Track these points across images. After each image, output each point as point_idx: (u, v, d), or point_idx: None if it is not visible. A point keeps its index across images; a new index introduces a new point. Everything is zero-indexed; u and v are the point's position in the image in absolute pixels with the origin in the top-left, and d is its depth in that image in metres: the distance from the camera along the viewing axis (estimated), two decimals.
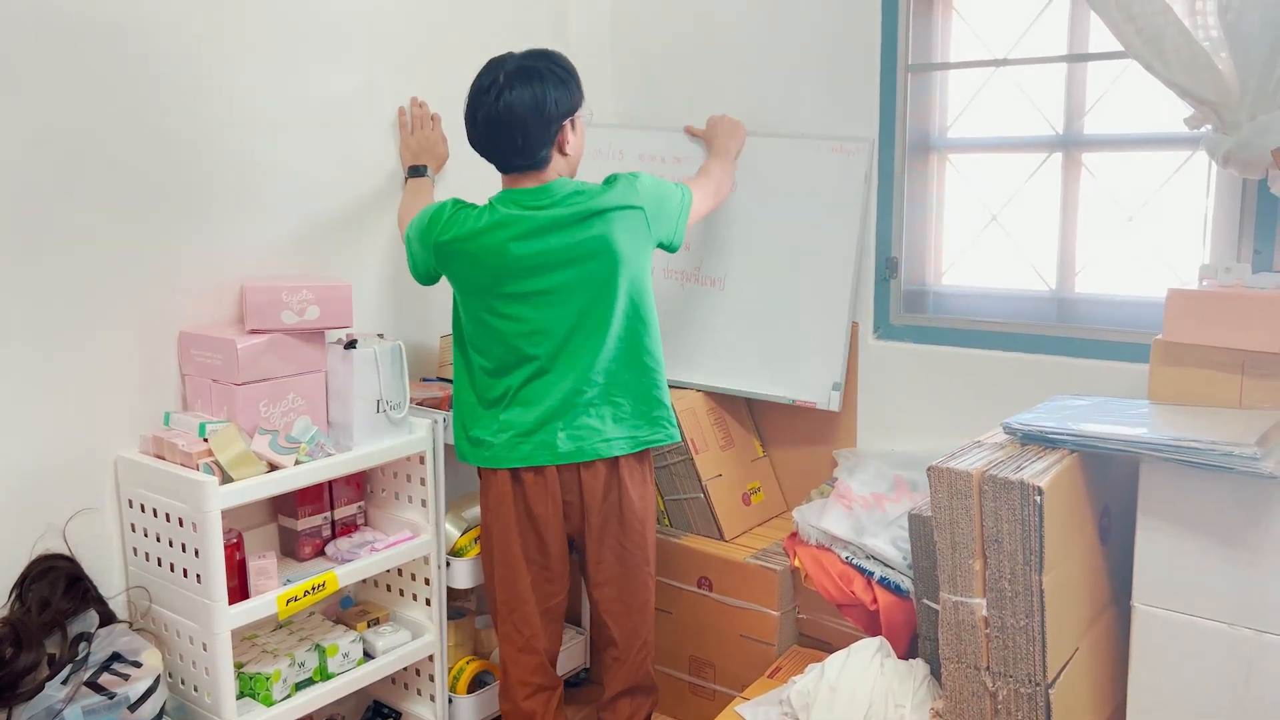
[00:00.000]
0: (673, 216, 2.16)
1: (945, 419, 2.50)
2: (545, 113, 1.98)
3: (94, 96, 1.98)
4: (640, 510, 2.16)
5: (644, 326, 2.11)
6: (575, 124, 2.07)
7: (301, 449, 2.07)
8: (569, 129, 2.05)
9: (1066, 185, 2.42)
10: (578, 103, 2.06)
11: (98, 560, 2.06)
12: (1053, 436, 1.86)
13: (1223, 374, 1.89)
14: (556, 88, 2.00)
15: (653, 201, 2.09)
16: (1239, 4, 1.87)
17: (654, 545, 2.23)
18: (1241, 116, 1.91)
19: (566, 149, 2.07)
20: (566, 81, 2.03)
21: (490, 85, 1.99)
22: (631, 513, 2.14)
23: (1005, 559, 1.77)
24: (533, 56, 2.04)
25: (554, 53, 2.08)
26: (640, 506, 2.16)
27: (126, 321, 2.07)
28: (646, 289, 2.12)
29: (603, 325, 2.06)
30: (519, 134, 1.98)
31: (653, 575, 2.23)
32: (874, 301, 2.60)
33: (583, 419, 2.08)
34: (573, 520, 2.16)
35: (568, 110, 2.03)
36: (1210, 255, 2.20)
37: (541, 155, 2.03)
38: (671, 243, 2.19)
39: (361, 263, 2.47)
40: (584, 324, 2.06)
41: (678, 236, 2.20)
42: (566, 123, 2.04)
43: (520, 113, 1.97)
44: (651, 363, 2.13)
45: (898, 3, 2.48)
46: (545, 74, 2.00)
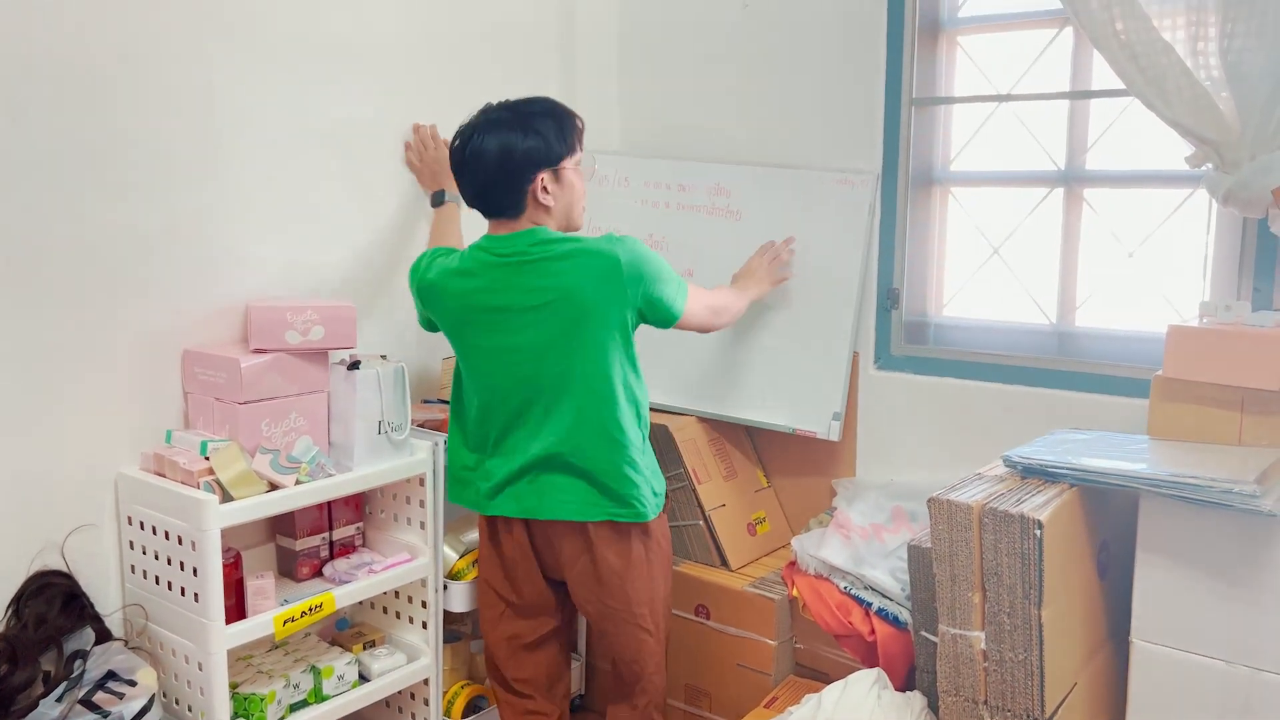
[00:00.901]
0: (657, 280, 2.01)
1: (944, 450, 2.51)
2: (513, 161, 1.97)
3: (102, 118, 2.00)
4: (620, 571, 2.08)
5: (612, 398, 2.01)
6: (561, 175, 2.02)
7: (302, 469, 2.07)
8: (546, 180, 2.00)
9: (1068, 220, 2.43)
10: (559, 155, 2.00)
11: (95, 577, 2.06)
12: (1053, 470, 1.87)
13: (1222, 411, 1.90)
14: (531, 138, 1.97)
15: (633, 259, 1.97)
16: (1240, 45, 1.90)
17: (654, 603, 2.13)
18: (1242, 156, 1.93)
19: (543, 199, 2.00)
20: (545, 133, 1.99)
21: (467, 130, 2.03)
22: (610, 574, 2.08)
23: (1004, 592, 1.77)
24: (519, 104, 2.03)
25: (547, 102, 2.05)
26: (620, 567, 2.08)
27: (130, 339, 2.08)
28: (619, 359, 2.02)
29: (567, 388, 2.01)
30: (486, 180, 2.00)
31: (653, 632, 2.14)
32: (875, 332, 2.61)
33: (552, 478, 2.06)
34: (550, 567, 2.16)
35: (542, 161, 1.98)
36: (1210, 292, 2.21)
37: (510, 203, 2.01)
38: (658, 310, 2.04)
39: (366, 284, 2.49)
40: (551, 383, 2.02)
41: (665, 307, 2.04)
42: (543, 174, 1.99)
43: (487, 160, 1.98)
44: (623, 437, 2.02)
45: (902, 37, 2.50)
46: (522, 123, 1.98)
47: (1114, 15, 1.98)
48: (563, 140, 2.02)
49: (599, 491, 2.04)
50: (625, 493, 2.04)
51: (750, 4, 2.75)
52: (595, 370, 2.00)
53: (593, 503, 2.05)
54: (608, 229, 2.83)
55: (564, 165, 2.03)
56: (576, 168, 2.06)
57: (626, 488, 2.04)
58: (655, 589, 2.13)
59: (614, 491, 2.04)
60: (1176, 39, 1.96)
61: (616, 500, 2.05)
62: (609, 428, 2.03)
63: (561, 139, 2.02)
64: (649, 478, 2.08)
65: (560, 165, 2.02)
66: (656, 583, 2.14)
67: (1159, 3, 1.97)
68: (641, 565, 2.10)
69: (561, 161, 2.02)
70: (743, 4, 2.76)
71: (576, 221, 2.11)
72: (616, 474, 2.04)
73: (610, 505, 2.05)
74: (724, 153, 2.82)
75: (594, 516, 2.06)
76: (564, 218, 2.07)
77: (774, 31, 2.71)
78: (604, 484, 2.04)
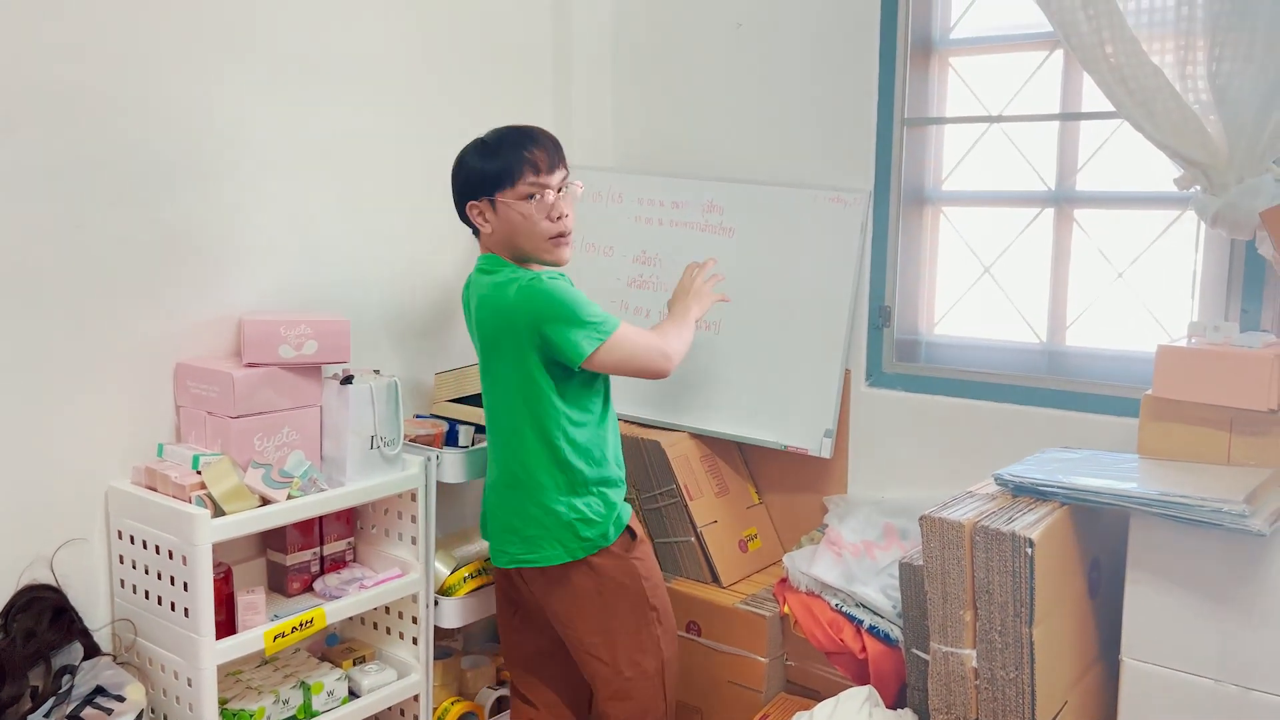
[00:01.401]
0: (556, 320, 1.96)
1: (935, 468, 2.52)
2: (454, 186, 2.11)
3: (98, 132, 2.00)
4: (568, 604, 2.08)
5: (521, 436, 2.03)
6: (497, 205, 2.03)
7: (294, 484, 2.07)
8: (481, 208, 2.06)
9: (1058, 240, 2.46)
10: (490, 185, 2.02)
11: (84, 592, 2.05)
12: (1043, 489, 1.88)
13: (1211, 430, 1.91)
14: (463, 167, 2.07)
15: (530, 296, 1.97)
16: (1228, 69, 1.92)
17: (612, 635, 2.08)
18: (1230, 178, 1.95)
19: (481, 226, 2.08)
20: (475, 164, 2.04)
21: None
22: (560, 606, 2.09)
23: (996, 610, 1.77)
24: (487, 134, 2.11)
25: (506, 132, 2.08)
26: (567, 599, 2.07)
27: (124, 352, 2.07)
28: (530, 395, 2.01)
29: (500, 425, 2.10)
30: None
31: (608, 662, 2.09)
32: (867, 349, 2.63)
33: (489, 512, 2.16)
34: None
35: (473, 188, 2.05)
36: (1199, 313, 2.23)
37: (467, 224, 2.13)
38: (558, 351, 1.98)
39: (360, 298, 2.49)
40: (492, 418, 2.12)
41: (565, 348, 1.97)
42: (475, 202, 2.06)
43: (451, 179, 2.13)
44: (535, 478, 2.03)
45: (895, 58, 2.53)
46: (468, 151, 2.09)
47: (1104, 38, 2.00)
48: (494, 174, 2.02)
49: (508, 537, 2.09)
50: (530, 536, 2.06)
51: (743, 24, 2.77)
52: (505, 405, 2.07)
53: (499, 549, 2.12)
54: (602, 246, 2.86)
55: (501, 198, 2.04)
56: (522, 200, 2.03)
57: (532, 531, 2.05)
58: (614, 621, 2.08)
59: (521, 535, 2.07)
60: (1165, 62, 1.98)
61: (521, 546, 2.07)
62: (518, 467, 2.06)
63: (492, 172, 2.03)
64: (569, 521, 2.04)
65: (497, 196, 2.04)
66: (614, 616, 2.08)
67: (1148, 26, 2.00)
68: (590, 599, 2.07)
69: (498, 193, 2.04)
70: (736, 24, 2.78)
71: (533, 254, 2.08)
72: (523, 517, 2.06)
73: (516, 551, 2.08)
74: (717, 170, 2.83)
75: (501, 563, 2.12)
76: (508, 248, 2.08)
77: (767, 51, 2.73)
78: (512, 526, 2.08)
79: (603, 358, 2.00)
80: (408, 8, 2.53)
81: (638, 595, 2.11)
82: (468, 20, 2.67)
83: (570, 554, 2.04)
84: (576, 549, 2.05)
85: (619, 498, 2.11)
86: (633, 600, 2.10)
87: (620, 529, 2.09)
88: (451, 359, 2.67)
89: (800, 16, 2.67)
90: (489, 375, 2.11)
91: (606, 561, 2.07)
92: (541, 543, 2.04)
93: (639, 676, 2.12)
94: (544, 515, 2.03)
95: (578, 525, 2.05)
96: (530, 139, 2.05)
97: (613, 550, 2.08)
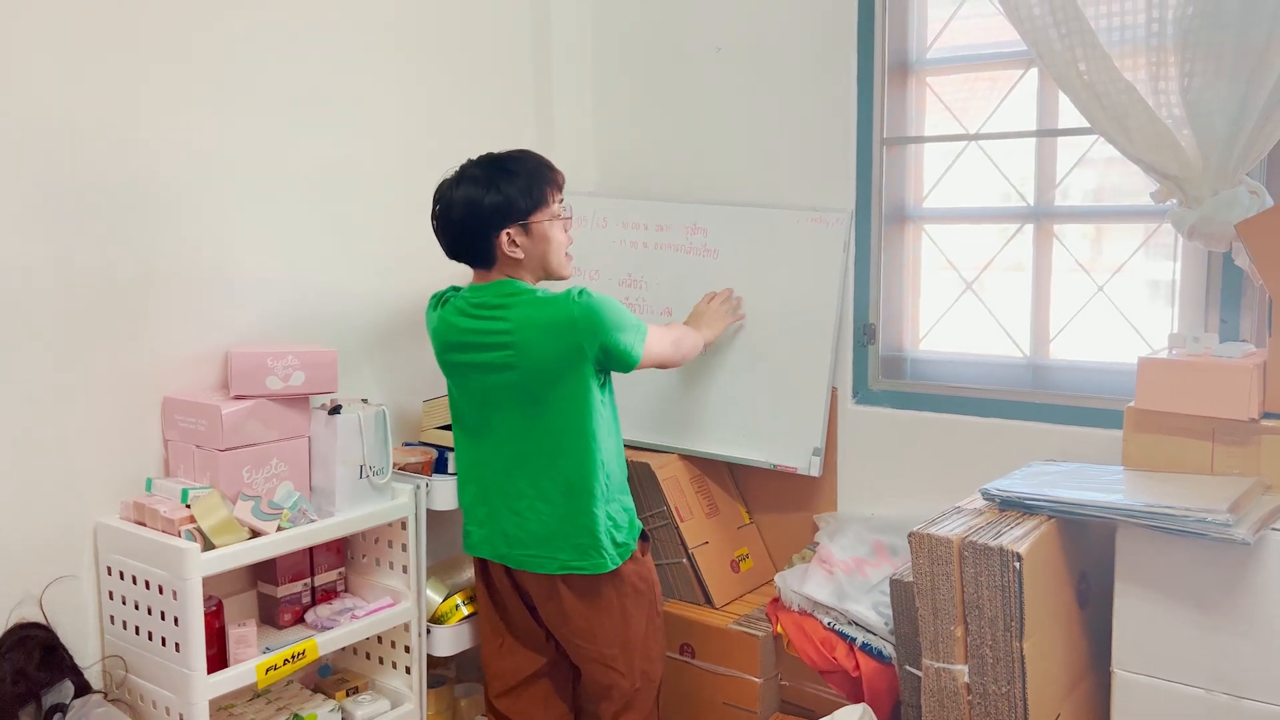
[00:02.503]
0: (613, 329, 2.02)
1: (923, 483, 2.53)
2: (478, 217, 2.04)
3: (85, 166, 2.01)
4: (587, 613, 2.10)
5: (566, 450, 2.05)
6: (530, 229, 2.06)
7: (284, 515, 2.06)
8: (514, 234, 2.05)
9: (1038, 254, 2.48)
10: (525, 209, 2.04)
11: (74, 629, 2.04)
12: (1030, 502, 1.89)
13: (1194, 441, 1.93)
14: (494, 194, 2.03)
15: (588, 310, 2.00)
16: (1199, 84, 1.95)
17: (628, 645, 2.12)
18: (1204, 191, 1.98)
19: (511, 252, 2.06)
20: (510, 188, 2.03)
21: (443, 186, 2.10)
22: (578, 615, 2.10)
23: (986, 625, 1.78)
24: (493, 159, 2.09)
25: (520, 157, 2.10)
26: (586, 609, 2.10)
27: (110, 387, 2.07)
28: (577, 409, 2.04)
29: (525, 439, 2.07)
30: (456, 235, 2.09)
31: (624, 674, 2.13)
32: (853, 367, 2.64)
33: (513, 525, 2.12)
34: (529, 602, 2.19)
35: (506, 217, 2.03)
36: (1179, 324, 2.25)
37: (481, 257, 2.09)
38: (616, 358, 2.05)
39: (347, 328, 2.49)
40: (511, 433, 2.09)
41: (623, 354, 2.05)
42: (510, 229, 2.04)
43: (457, 213, 2.06)
44: (579, 488, 2.05)
45: (872, 78, 2.56)
46: (490, 179, 2.04)
47: (1076, 56, 2.03)
48: (529, 194, 2.05)
49: (556, 544, 2.07)
50: (581, 542, 2.06)
51: (723, 48, 2.80)
52: (549, 421, 2.05)
53: (548, 556, 2.08)
54: (588, 269, 2.87)
55: (535, 220, 2.06)
56: (553, 220, 2.09)
57: (583, 537, 2.06)
58: (630, 631, 2.12)
59: (572, 542, 2.06)
60: (1138, 78, 2.01)
61: (575, 551, 2.06)
62: (564, 479, 2.06)
63: (528, 193, 2.05)
64: (607, 528, 2.07)
65: (529, 219, 2.05)
66: (631, 624, 2.13)
67: (1120, 43, 2.03)
68: (612, 608, 2.11)
69: (530, 215, 2.05)
70: (715, 48, 2.81)
71: (557, 271, 2.14)
72: (572, 526, 2.06)
73: (569, 557, 2.07)
74: (700, 193, 2.85)
75: (550, 569, 2.09)
76: (539, 269, 2.12)
77: (747, 74, 2.76)
78: (564, 532, 2.06)
79: (644, 358, 2.11)
80: (389, 37, 2.55)
81: (650, 601, 2.17)
82: (449, 48, 2.69)
83: (612, 561, 2.08)
84: (615, 555, 2.09)
85: (631, 503, 2.18)
86: (645, 607, 2.16)
87: (638, 533, 2.16)
88: (439, 386, 2.66)
89: (778, 39, 2.69)
90: (522, 392, 2.05)
91: (629, 568, 2.13)
92: (589, 551, 2.06)
93: (646, 686, 2.18)
94: (591, 522, 2.06)
95: (614, 532, 2.10)
96: (546, 163, 2.12)
97: (634, 554, 2.14)
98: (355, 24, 2.46)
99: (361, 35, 2.48)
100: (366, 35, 2.49)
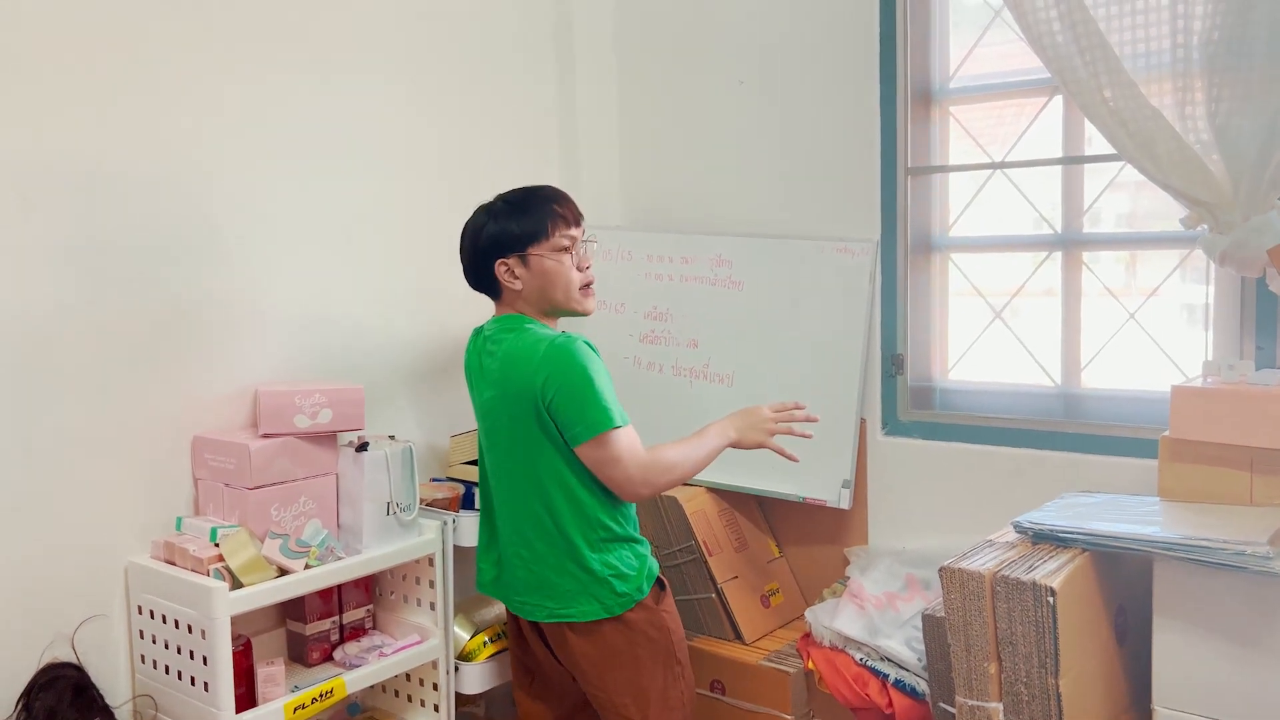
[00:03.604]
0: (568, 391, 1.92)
1: (955, 516, 2.49)
2: (477, 248, 2.06)
3: (113, 208, 2.04)
4: (597, 662, 2.03)
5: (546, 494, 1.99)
6: (529, 260, 2.03)
7: (312, 553, 2.07)
8: (512, 265, 2.03)
9: (1068, 282, 2.45)
10: (523, 240, 2.02)
11: (105, 668, 2.05)
12: (1064, 535, 1.86)
13: (1232, 471, 1.89)
14: (494, 223, 2.04)
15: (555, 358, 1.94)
16: (1227, 109, 1.93)
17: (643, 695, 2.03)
18: (1236, 217, 1.95)
19: (509, 283, 2.04)
20: (509, 219, 2.03)
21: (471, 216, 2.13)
22: (588, 664, 2.04)
23: (1020, 661, 1.75)
24: (509, 193, 2.11)
25: (532, 190, 2.09)
26: (596, 658, 2.03)
27: (142, 426, 2.10)
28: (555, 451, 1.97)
29: (513, 480, 2.04)
30: (466, 265, 2.11)
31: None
32: (881, 398, 2.62)
33: (507, 570, 2.09)
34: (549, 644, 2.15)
35: (503, 247, 2.02)
36: (1213, 351, 2.22)
37: (487, 287, 2.10)
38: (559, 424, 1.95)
39: (374, 365, 2.51)
40: (504, 472, 2.06)
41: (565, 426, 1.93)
42: (505, 259, 2.03)
43: (466, 244, 2.10)
44: (567, 536, 1.99)
45: (896, 108, 2.55)
46: (495, 210, 2.06)
47: (1101, 83, 2.02)
48: (528, 228, 2.03)
49: (545, 592, 2.03)
50: (567, 591, 2.01)
51: (745, 81, 2.81)
52: (526, 466, 2.01)
53: (536, 604, 2.05)
54: (613, 302, 2.88)
55: (533, 252, 2.04)
56: (556, 252, 2.05)
57: (568, 586, 2.01)
58: (644, 681, 2.04)
59: (559, 591, 2.01)
60: (1164, 104, 1.99)
61: (560, 601, 2.02)
62: (543, 526, 2.01)
63: (526, 226, 2.03)
64: (604, 577, 2.00)
65: (529, 251, 2.04)
66: (645, 674, 2.04)
67: (1145, 69, 2.01)
68: (622, 656, 2.04)
69: (530, 248, 2.03)
70: (738, 81, 2.82)
71: (565, 305, 2.09)
72: (559, 572, 2.01)
73: (554, 606, 2.02)
74: (725, 224, 2.86)
75: (539, 616, 2.05)
76: (541, 301, 2.07)
77: (769, 105, 2.77)
78: (550, 583, 2.02)
79: (591, 451, 1.94)
80: (413, 79, 2.58)
81: (666, 650, 2.09)
82: (475, 86, 2.72)
83: (607, 610, 2.01)
84: (613, 605, 2.02)
85: (648, 550, 2.11)
86: (662, 655, 2.08)
87: (652, 580, 2.08)
88: (466, 421, 2.67)
89: (801, 71, 2.70)
90: (505, 433, 2.05)
91: (639, 615, 2.05)
92: (578, 598, 2.01)
93: None
94: (579, 571, 2.00)
95: (613, 581, 2.02)
96: (554, 195, 2.10)
97: (645, 603, 2.06)
98: (383, 67, 2.50)
99: (389, 78, 2.52)
100: (393, 77, 2.53)
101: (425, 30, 2.60)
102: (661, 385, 2.84)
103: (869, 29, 2.57)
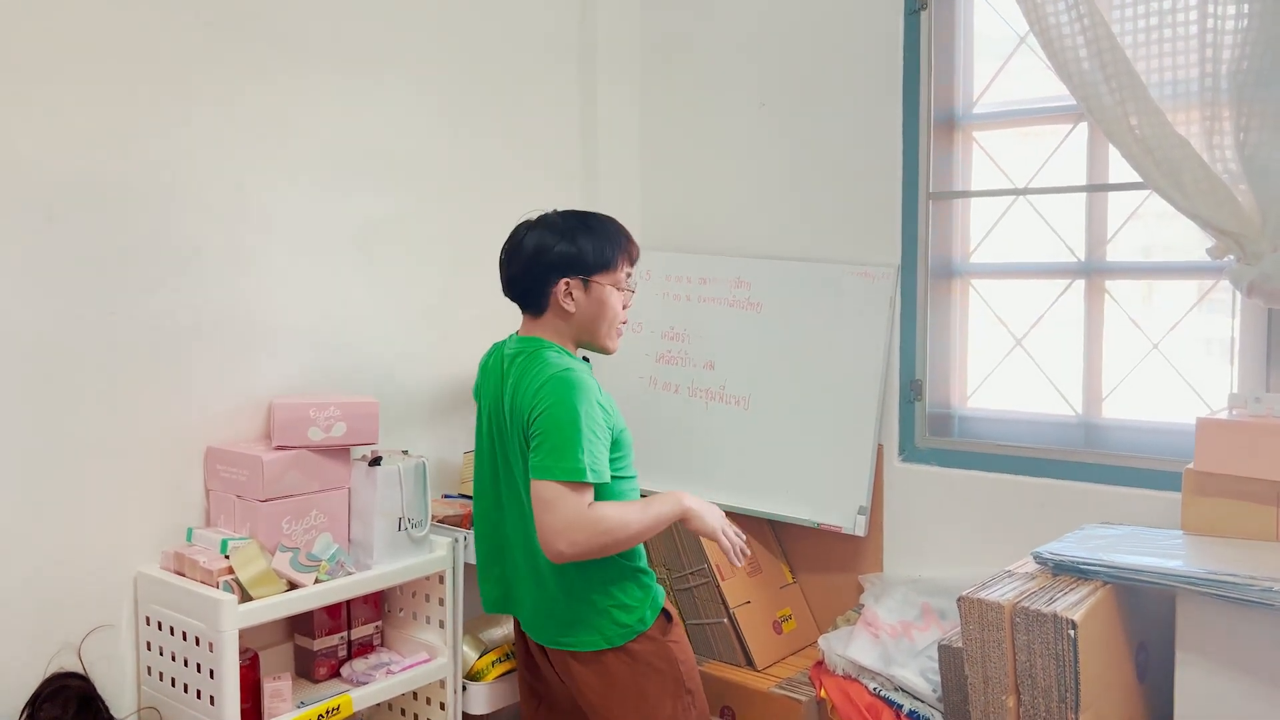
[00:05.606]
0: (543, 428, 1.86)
1: (972, 545, 2.46)
2: (542, 260, 1.97)
3: (133, 220, 2.05)
4: (601, 690, 1.98)
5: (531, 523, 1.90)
6: (591, 288, 1.99)
7: (322, 567, 2.05)
8: (573, 285, 1.97)
9: (1090, 311, 2.43)
10: (592, 267, 1.98)
11: (112, 679, 2.04)
12: (1085, 567, 1.82)
13: (1257, 505, 1.85)
14: (566, 243, 1.97)
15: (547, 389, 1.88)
16: (1256, 139, 1.91)
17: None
18: (1264, 247, 1.93)
19: (565, 304, 1.98)
20: (584, 243, 1.98)
21: (523, 225, 2.04)
22: (591, 692, 1.99)
23: (1040, 696, 1.71)
24: (577, 213, 2.05)
25: (602, 219, 2.05)
26: (600, 686, 1.98)
27: (155, 437, 2.09)
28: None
29: (520, 503, 1.98)
30: (516, 272, 2.01)
31: None
32: (899, 424, 2.59)
33: (527, 590, 2.03)
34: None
35: (571, 266, 1.97)
36: (1238, 383, 2.18)
37: (534, 300, 2.01)
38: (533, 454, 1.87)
39: (389, 379, 2.50)
40: (510, 494, 2.01)
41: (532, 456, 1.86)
42: (570, 279, 1.97)
43: (522, 253, 1.99)
44: (576, 568, 1.92)
45: (918, 133, 2.54)
46: (567, 228, 1.99)
47: (1127, 110, 2.00)
48: (602, 255, 1.99)
49: (549, 616, 1.99)
50: (568, 621, 1.97)
51: (766, 103, 2.80)
52: (520, 492, 1.97)
53: (542, 626, 2.01)
54: (632, 321, 2.85)
55: (597, 279, 1.99)
56: (617, 288, 2.02)
57: (569, 616, 1.97)
58: (650, 712, 1.99)
59: (557, 620, 1.98)
60: (1191, 132, 1.98)
61: (558, 629, 1.98)
62: (536, 555, 1.95)
63: (600, 253, 1.99)
64: (604, 608, 1.96)
65: (593, 278, 1.99)
66: (651, 705, 1.99)
67: (1172, 97, 2.00)
68: (627, 688, 1.99)
69: (595, 275, 1.99)
70: (760, 103, 2.82)
71: (603, 340, 2.05)
72: (559, 602, 1.97)
73: (555, 633, 1.99)
74: (744, 246, 2.85)
75: (545, 641, 2.01)
76: (584, 331, 2.03)
77: (791, 128, 2.76)
78: (551, 611, 1.98)
79: (540, 489, 1.83)
80: (435, 94, 2.58)
81: (674, 681, 2.04)
82: (495, 106, 2.72)
83: (608, 641, 1.97)
84: (615, 635, 1.97)
85: (652, 580, 2.06)
86: (669, 686, 2.03)
87: (656, 612, 2.03)
88: None
89: (823, 94, 2.70)
90: (503, 451, 2.02)
91: (643, 647, 2.00)
92: (578, 628, 1.97)
93: None
94: (578, 603, 1.96)
95: (614, 612, 1.98)
96: (624, 231, 2.06)
97: (649, 634, 2.01)
98: (402, 83, 2.51)
99: (408, 94, 2.52)
100: (412, 94, 2.53)
101: (448, 48, 2.61)
102: (677, 406, 2.82)
103: (893, 53, 2.56)
